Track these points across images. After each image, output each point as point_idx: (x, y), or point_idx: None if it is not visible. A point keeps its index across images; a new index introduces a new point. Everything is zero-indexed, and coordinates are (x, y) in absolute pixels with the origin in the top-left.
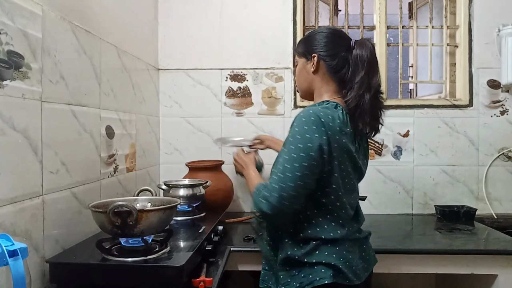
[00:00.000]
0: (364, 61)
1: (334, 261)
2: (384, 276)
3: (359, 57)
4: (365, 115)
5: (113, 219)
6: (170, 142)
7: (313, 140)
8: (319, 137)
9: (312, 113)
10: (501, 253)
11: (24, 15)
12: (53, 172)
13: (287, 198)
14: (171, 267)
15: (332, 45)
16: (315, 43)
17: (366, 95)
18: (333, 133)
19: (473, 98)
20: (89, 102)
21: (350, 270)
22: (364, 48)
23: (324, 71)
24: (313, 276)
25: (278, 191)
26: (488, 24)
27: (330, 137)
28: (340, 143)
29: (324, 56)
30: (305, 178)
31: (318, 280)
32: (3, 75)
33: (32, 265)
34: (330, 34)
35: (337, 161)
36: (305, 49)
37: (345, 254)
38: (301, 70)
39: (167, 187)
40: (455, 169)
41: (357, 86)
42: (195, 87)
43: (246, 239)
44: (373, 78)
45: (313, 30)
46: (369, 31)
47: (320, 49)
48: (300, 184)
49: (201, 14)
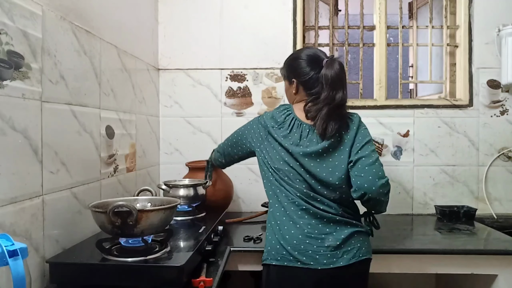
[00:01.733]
0: (328, 80)
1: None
2: (384, 276)
3: (325, 76)
4: (320, 122)
5: (113, 219)
6: (170, 142)
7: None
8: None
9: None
10: (501, 253)
11: (24, 15)
12: (53, 172)
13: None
14: (171, 267)
15: (308, 70)
16: (294, 70)
17: (325, 108)
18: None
19: (473, 98)
20: (89, 102)
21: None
22: (330, 68)
23: (302, 90)
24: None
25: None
26: (488, 24)
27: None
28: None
29: (301, 81)
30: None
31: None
32: (3, 75)
33: (32, 265)
34: (307, 61)
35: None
36: (287, 75)
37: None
38: (286, 90)
39: (167, 187)
40: (455, 169)
41: (321, 101)
42: (195, 87)
43: (246, 239)
44: (336, 95)
45: (293, 54)
46: (369, 31)
47: (298, 76)
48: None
49: (201, 14)
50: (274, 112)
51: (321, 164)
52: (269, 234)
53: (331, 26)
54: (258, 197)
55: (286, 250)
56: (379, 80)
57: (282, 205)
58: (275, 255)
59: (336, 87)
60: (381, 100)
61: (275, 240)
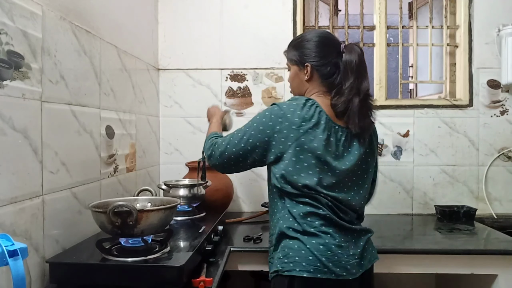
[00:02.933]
0: (353, 67)
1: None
2: (384, 276)
3: (348, 63)
4: (355, 117)
5: (113, 219)
6: (170, 142)
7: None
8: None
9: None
10: (501, 253)
11: (24, 15)
12: (53, 172)
13: (226, 157)
14: (171, 267)
15: (324, 54)
16: (307, 52)
17: (355, 99)
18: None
19: (473, 98)
20: (89, 102)
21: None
22: (353, 54)
23: (316, 77)
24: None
25: (223, 147)
26: (488, 24)
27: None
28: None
29: (316, 65)
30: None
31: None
32: (3, 75)
33: (32, 265)
34: (321, 43)
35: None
36: (297, 58)
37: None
38: (295, 77)
39: (167, 187)
40: (455, 169)
41: (347, 91)
42: (195, 87)
43: (246, 239)
44: (362, 83)
45: (302, 36)
46: (369, 31)
47: (312, 59)
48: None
49: (201, 14)
50: (295, 106)
51: (352, 187)
52: (294, 243)
53: (331, 26)
54: (258, 197)
55: (320, 261)
56: (379, 80)
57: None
58: (306, 266)
59: (362, 75)
60: (381, 100)
61: (306, 250)
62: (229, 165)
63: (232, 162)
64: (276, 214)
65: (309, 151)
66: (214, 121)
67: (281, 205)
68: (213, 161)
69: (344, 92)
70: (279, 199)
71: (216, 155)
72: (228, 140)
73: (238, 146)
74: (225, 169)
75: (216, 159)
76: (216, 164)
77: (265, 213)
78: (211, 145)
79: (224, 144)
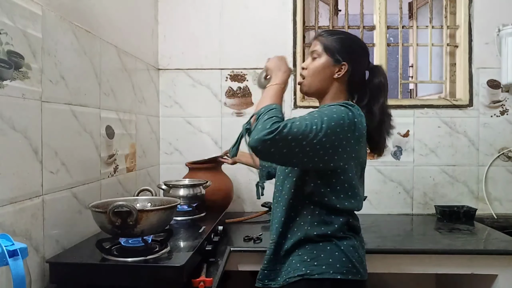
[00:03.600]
0: (384, 89)
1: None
2: (384, 276)
3: (380, 84)
4: (382, 139)
5: (113, 219)
6: (170, 142)
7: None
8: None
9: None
10: (501, 253)
11: (24, 15)
12: (53, 172)
13: (293, 139)
14: (171, 267)
15: (362, 63)
16: (351, 52)
17: (387, 120)
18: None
19: (473, 98)
20: (89, 102)
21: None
22: (382, 75)
23: (343, 82)
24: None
25: (292, 126)
26: (488, 24)
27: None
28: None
29: (353, 70)
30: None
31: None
32: (3, 75)
33: (32, 265)
34: (364, 51)
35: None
36: (338, 52)
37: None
38: (322, 70)
39: (167, 187)
40: (455, 169)
41: (378, 112)
42: (195, 87)
43: (246, 239)
44: (387, 105)
45: (346, 33)
46: (369, 31)
47: (353, 61)
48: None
49: (201, 14)
50: (359, 112)
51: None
52: (326, 245)
53: (331, 26)
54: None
55: (351, 262)
56: None
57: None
58: (339, 268)
59: (386, 97)
60: None
61: (339, 251)
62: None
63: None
64: (296, 219)
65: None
66: (278, 85)
67: (309, 212)
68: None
69: (375, 112)
70: (307, 206)
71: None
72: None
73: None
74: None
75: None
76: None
77: (265, 213)
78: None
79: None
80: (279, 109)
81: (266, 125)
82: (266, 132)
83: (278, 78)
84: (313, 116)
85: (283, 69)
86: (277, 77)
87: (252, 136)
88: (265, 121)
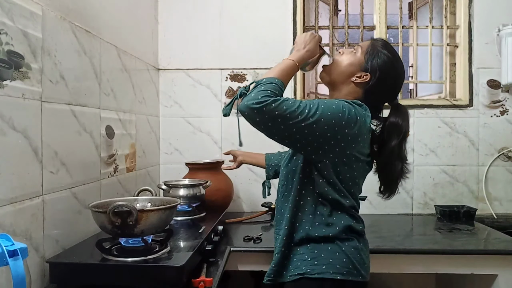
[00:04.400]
0: (401, 131)
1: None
2: (384, 276)
3: (396, 125)
4: (392, 184)
5: (113, 219)
6: (170, 142)
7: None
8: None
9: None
10: (501, 253)
11: (24, 15)
12: (53, 172)
13: (280, 115)
14: (171, 267)
15: (386, 91)
16: (384, 72)
17: (397, 164)
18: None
19: (473, 98)
20: (89, 102)
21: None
22: (402, 116)
23: (361, 90)
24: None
25: (283, 103)
26: (488, 24)
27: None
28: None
29: (373, 87)
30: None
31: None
32: (3, 75)
33: (32, 265)
34: (395, 83)
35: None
36: (373, 62)
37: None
38: (347, 64)
39: (167, 187)
40: (455, 169)
41: (387, 152)
42: (195, 87)
43: (246, 239)
44: (403, 149)
45: (397, 61)
46: (369, 31)
47: (379, 80)
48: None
49: (201, 14)
50: (366, 113)
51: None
52: (327, 246)
53: (331, 26)
54: (258, 197)
55: (352, 263)
56: None
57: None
58: (339, 269)
59: (405, 140)
60: None
61: (340, 252)
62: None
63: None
64: (299, 214)
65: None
66: (292, 61)
67: (311, 211)
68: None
69: (383, 152)
70: (309, 203)
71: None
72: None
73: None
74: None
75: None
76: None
77: (265, 213)
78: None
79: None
80: (279, 85)
81: (258, 95)
82: (255, 101)
83: (296, 55)
84: (311, 102)
85: (307, 47)
86: (296, 53)
87: (243, 101)
88: (259, 91)
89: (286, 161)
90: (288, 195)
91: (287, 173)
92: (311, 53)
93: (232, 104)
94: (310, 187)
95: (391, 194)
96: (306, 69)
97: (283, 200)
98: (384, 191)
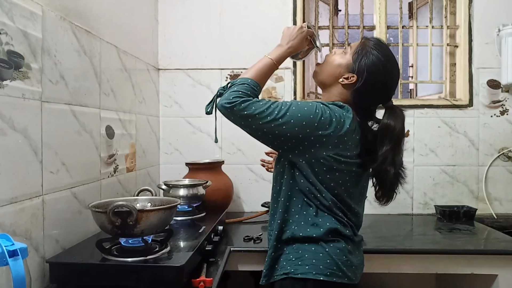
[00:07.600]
0: (394, 135)
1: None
2: (384, 276)
3: (390, 128)
4: (388, 191)
5: (113, 219)
6: (170, 142)
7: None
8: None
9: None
10: (501, 253)
11: (24, 15)
12: (53, 172)
13: (249, 116)
14: (171, 267)
15: (376, 93)
16: (373, 73)
17: (390, 169)
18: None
19: (473, 98)
20: (89, 102)
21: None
22: (396, 119)
23: (349, 91)
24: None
25: (253, 104)
26: (488, 24)
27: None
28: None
29: (361, 88)
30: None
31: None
32: (3, 75)
33: (32, 265)
34: (385, 84)
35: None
36: (360, 63)
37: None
38: (335, 65)
39: (167, 187)
40: (455, 169)
41: (380, 159)
42: (195, 87)
43: (246, 239)
44: (398, 155)
45: (390, 62)
46: (369, 31)
47: (366, 82)
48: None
49: (201, 14)
50: (347, 114)
51: (362, 200)
52: (311, 246)
53: (331, 26)
54: (258, 197)
55: (337, 265)
56: None
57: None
58: (322, 270)
59: (399, 145)
60: None
61: (324, 253)
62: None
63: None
64: (285, 215)
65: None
66: (270, 60)
67: (298, 210)
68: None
69: (376, 158)
70: (296, 203)
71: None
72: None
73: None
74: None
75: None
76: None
77: (265, 213)
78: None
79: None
80: (252, 85)
81: (230, 96)
82: (226, 102)
83: (276, 53)
84: (284, 103)
85: (290, 44)
86: (277, 50)
87: (219, 101)
88: (231, 92)
89: (275, 163)
90: (277, 196)
91: (276, 175)
92: (294, 50)
93: (212, 103)
94: (295, 187)
95: (388, 200)
96: (296, 58)
97: (273, 202)
98: (381, 197)
